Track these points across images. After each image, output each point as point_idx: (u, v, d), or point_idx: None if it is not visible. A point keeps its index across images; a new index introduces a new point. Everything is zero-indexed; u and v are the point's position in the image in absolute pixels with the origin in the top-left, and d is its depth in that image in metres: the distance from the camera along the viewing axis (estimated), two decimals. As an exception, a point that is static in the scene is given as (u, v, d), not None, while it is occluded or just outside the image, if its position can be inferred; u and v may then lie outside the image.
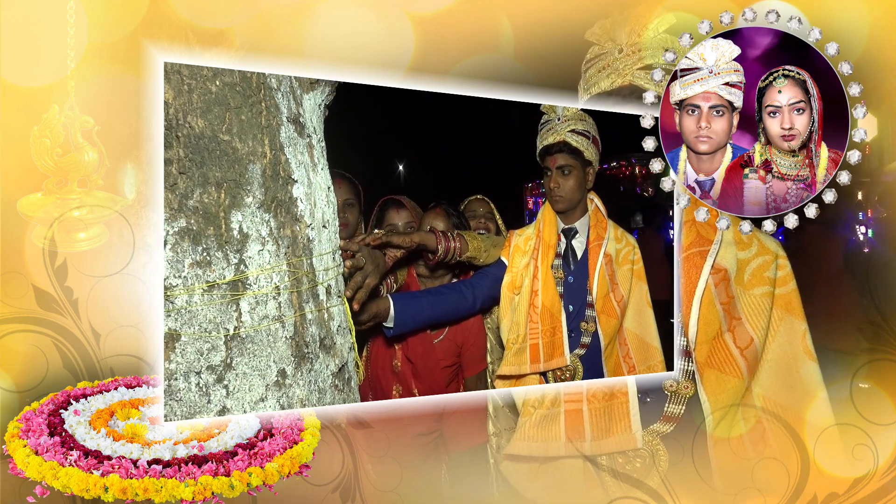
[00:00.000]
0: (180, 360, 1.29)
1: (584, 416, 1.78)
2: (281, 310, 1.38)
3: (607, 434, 1.75)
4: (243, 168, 1.34)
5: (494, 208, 2.33)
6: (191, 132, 1.30)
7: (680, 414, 1.70)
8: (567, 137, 1.88)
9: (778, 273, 1.68)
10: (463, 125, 2.88)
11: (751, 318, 1.65)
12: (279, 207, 1.39)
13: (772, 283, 1.67)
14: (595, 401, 1.79)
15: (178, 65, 1.30)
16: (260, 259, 1.36)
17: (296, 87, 1.47)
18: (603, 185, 2.05)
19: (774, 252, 1.68)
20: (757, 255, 1.68)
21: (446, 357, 2.01)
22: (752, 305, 1.66)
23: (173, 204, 1.29)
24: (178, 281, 1.29)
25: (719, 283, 1.66)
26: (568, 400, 1.80)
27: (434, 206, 2.09)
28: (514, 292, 1.96)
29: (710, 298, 1.65)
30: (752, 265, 1.67)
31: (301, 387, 1.41)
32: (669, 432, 1.71)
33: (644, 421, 1.74)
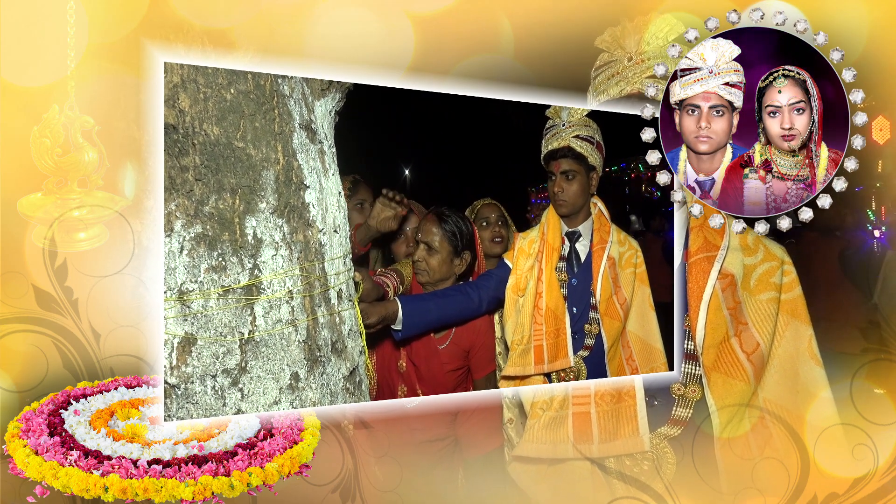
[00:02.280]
0: (196, 363, 1.31)
1: (591, 418, 1.79)
2: (294, 314, 1.39)
3: (615, 437, 1.76)
4: (257, 174, 1.36)
5: (505, 211, 2.33)
6: (206, 139, 1.32)
7: (688, 417, 1.71)
8: (571, 143, 1.90)
9: (784, 279, 1.68)
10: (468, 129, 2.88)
11: (757, 323, 1.66)
12: (292, 213, 1.41)
13: (777, 289, 1.67)
14: (603, 403, 1.80)
15: (193, 73, 1.31)
16: (273, 264, 1.37)
17: (307, 93, 1.48)
18: (608, 188, 2.06)
19: (780, 258, 1.69)
20: (763, 261, 1.69)
21: (451, 361, 2.01)
22: (758, 311, 1.67)
23: (189, 210, 1.31)
24: (194, 286, 1.31)
25: (726, 289, 1.67)
26: (576, 402, 1.81)
27: (426, 213, 2.08)
28: (518, 294, 1.97)
29: (718, 303, 1.66)
30: (759, 271, 1.68)
31: (313, 390, 1.42)
32: (677, 436, 1.72)
33: (651, 424, 1.75)
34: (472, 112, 1.93)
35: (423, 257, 1.98)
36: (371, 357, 2.06)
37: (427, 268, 1.98)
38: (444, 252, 1.98)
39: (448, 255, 1.99)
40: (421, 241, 1.99)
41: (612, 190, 2.55)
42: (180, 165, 1.31)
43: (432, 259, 1.97)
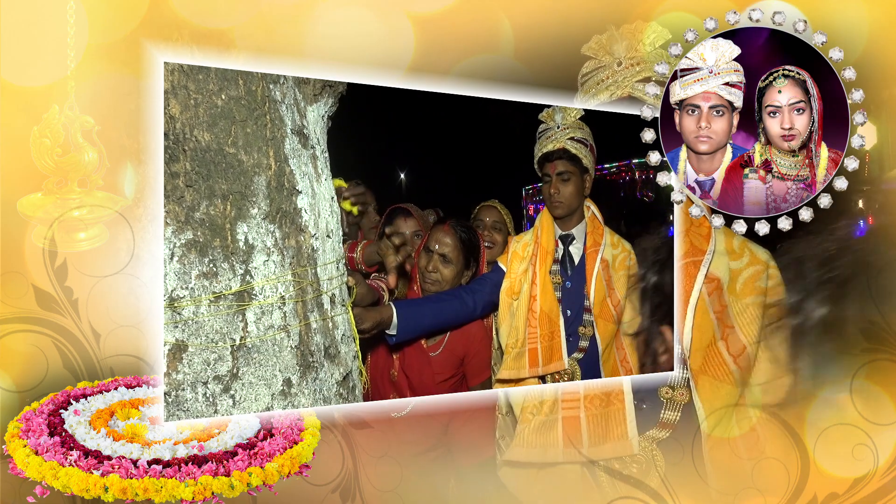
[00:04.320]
0: (187, 370, 1.30)
1: (581, 422, 1.80)
2: (286, 319, 1.39)
3: (604, 440, 1.76)
4: (249, 180, 1.36)
5: (504, 213, 2.31)
6: (197, 146, 1.31)
7: (675, 421, 1.72)
8: (566, 145, 1.92)
9: (769, 283, 1.70)
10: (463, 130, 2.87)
11: (743, 326, 1.68)
12: (284, 218, 1.40)
13: (763, 293, 1.69)
14: (592, 407, 1.81)
15: (184, 79, 1.31)
16: (265, 269, 1.37)
17: (300, 98, 1.48)
18: (602, 191, 2.06)
19: (766, 262, 1.70)
20: (748, 265, 1.70)
21: (444, 371, 2.00)
22: (743, 314, 1.68)
23: (180, 216, 1.31)
24: (185, 292, 1.30)
25: (713, 293, 1.69)
26: (565, 406, 1.82)
27: (443, 222, 2.07)
28: (512, 297, 1.98)
29: (704, 307, 1.67)
30: (744, 275, 1.70)
31: (306, 395, 1.42)
32: (665, 438, 1.72)
33: (640, 427, 1.75)
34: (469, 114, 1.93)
35: (437, 268, 1.98)
36: (366, 364, 2.05)
37: (440, 278, 1.98)
38: (459, 264, 2.00)
39: (461, 266, 2.01)
40: (437, 252, 1.99)
41: (606, 192, 2.55)
42: (171, 171, 1.30)
43: (446, 269, 1.98)
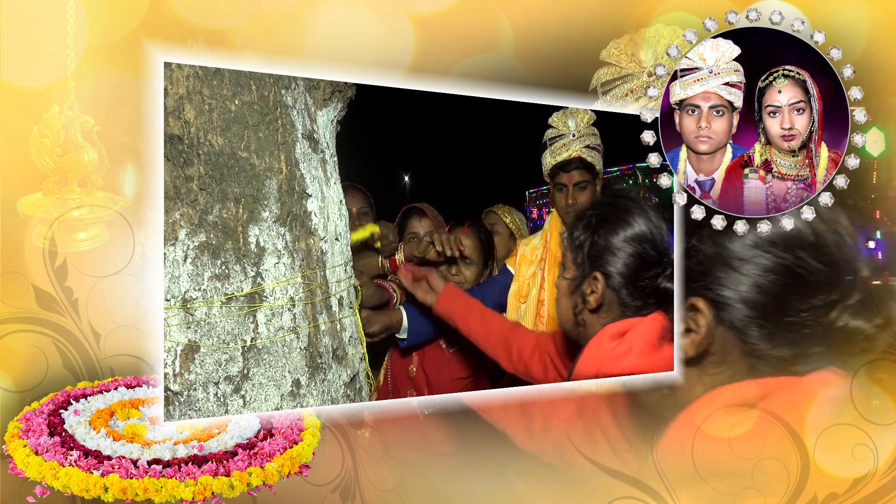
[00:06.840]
0: (199, 370, 1.32)
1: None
2: (296, 321, 1.40)
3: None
4: (260, 184, 1.37)
5: (503, 215, 2.31)
6: (211, 150, 1.33)
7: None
8: (583, 153, 1.90)
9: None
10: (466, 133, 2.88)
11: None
12: (294, 221, 1.42)
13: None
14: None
15: (199, 85, 1.33)
16: (276, 272, 1.38)
17: (310, 103, 1.50)
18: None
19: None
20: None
21: (461, 369, 2.01)
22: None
23: (194, 219, 1.33)
24: (197, 293, 1.32)
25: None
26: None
27: (461, 224, 2.07)
28: (520, 301, 1.97)
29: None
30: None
31: (314, 396, 1.43)
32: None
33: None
34: (472, 115, 1.93)
35: (459, 270, 1.98)
36: (385, 361, 2.07)
37: (463, 279, 1.98)
38: (480, 264, 2.00)
39: (482, 266, 2.01)
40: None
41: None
42: (185, 175, 1.32)
43: (468, 270, 1.99)
